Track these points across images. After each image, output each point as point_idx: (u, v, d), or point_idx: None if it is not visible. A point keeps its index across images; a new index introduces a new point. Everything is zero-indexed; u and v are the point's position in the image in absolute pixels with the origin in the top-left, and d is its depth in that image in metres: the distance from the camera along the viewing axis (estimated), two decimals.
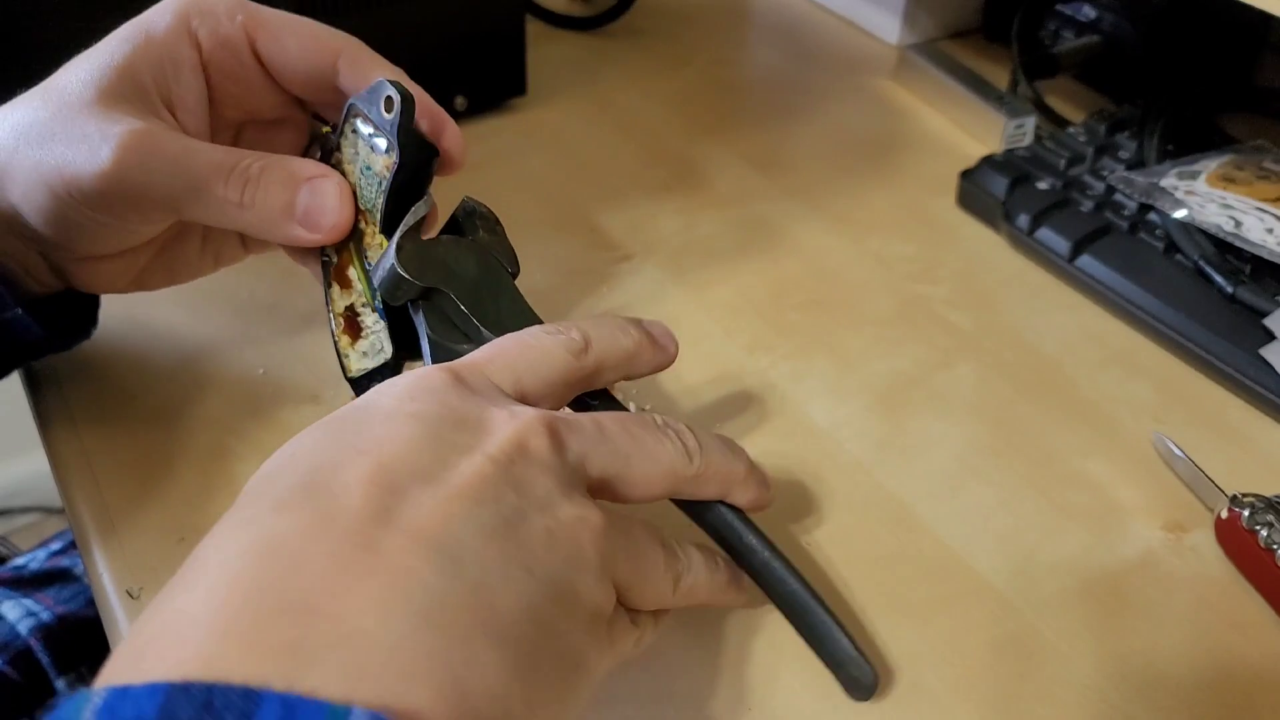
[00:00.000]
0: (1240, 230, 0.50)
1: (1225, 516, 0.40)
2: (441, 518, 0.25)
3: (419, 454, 0.27)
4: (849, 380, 0.48)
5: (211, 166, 0.37)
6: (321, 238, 0.39)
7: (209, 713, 0.19)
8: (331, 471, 0.26)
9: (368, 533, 0.24)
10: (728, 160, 0.63)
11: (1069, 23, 0.68)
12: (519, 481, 0.28)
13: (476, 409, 0.29)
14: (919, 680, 0.36)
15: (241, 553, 0.24)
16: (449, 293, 0.36)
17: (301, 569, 0.23)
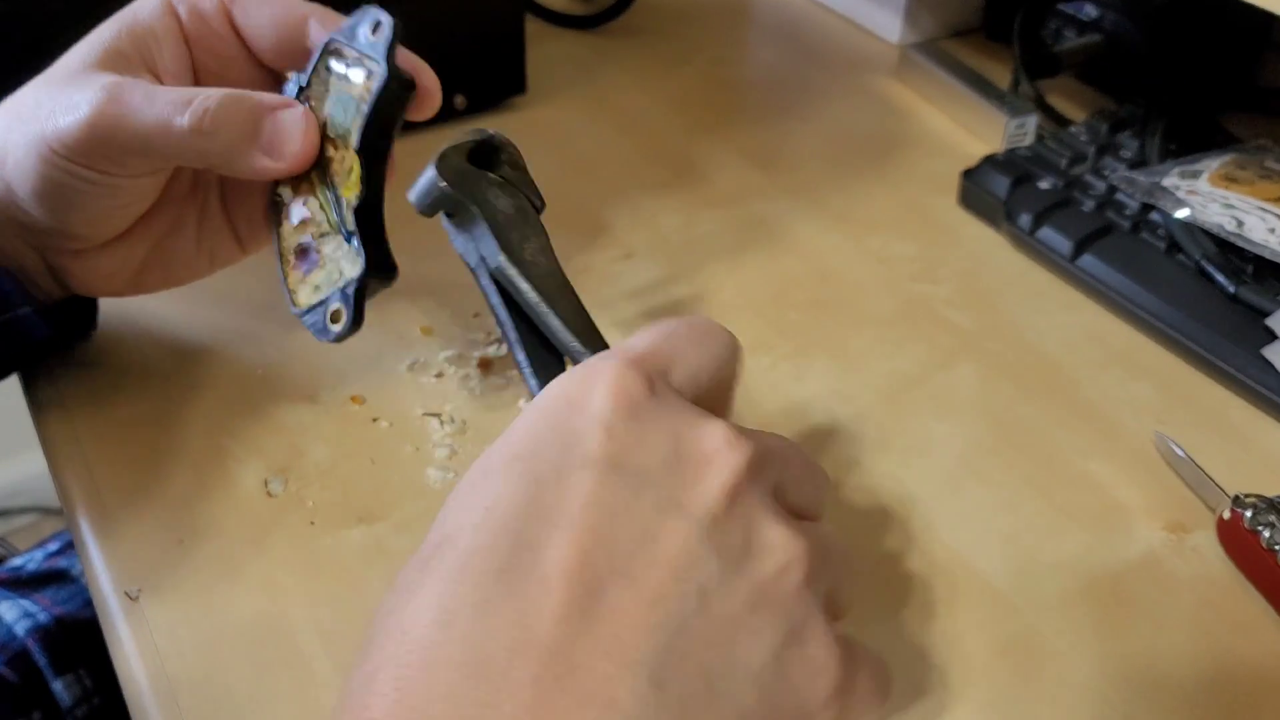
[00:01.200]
0: (1242, 230, 0.50)
1: (1227, 517, 0.40)
2: (644, 626, 0.24)
3: (621, 527, 0.26)
4: (850, 380, 0.48)
5: (172, 101, 0.37)
6: (285, 165, 0.39)
7: None
8: (524, 548, 0.25)
9: (569, 653, 0.23)
10: (728, 159, 0.63)
11: (1071, 21, 0.68)
12: (721, 541, 0.26)
13: (676, 436, 0.28)
14: (920, 681, 0.36)
15: (448, 660, 0.24)
16: (485, 222, 0.36)
17: (507, 694, 0.23)
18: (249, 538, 0.40)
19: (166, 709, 0.35)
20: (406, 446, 0.44)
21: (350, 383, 0.47)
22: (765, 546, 0.27)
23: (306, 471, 0.43)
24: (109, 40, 0.39)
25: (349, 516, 0.41)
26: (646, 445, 0.27)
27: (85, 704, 0.51)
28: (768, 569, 0.27)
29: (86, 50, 0.39)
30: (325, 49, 0.40)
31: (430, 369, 0.47)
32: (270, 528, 0.40)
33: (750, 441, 0.28)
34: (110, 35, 0.39)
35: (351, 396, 0.46)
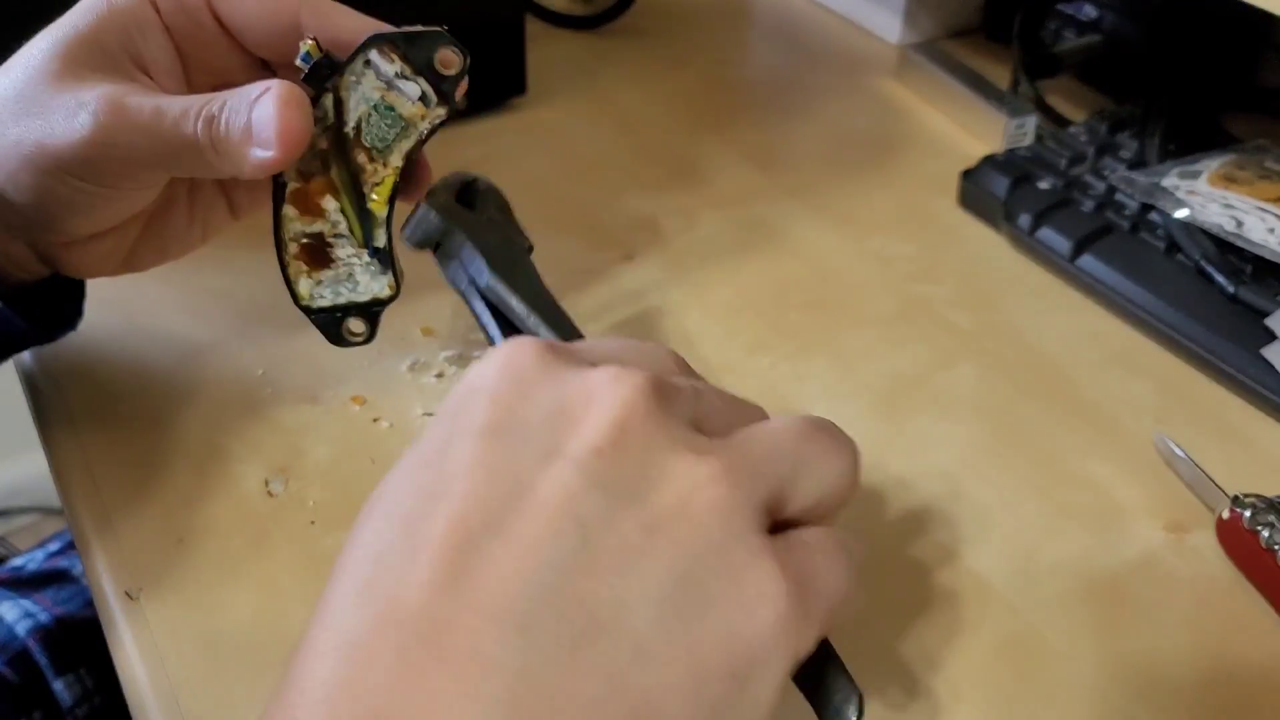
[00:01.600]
0: (1242, 230, 0.50)
1: (1227, 517, 0.40)
2: (513, 577, 0.23)
3: (496, 483, 0.24)
4: (850, 380, 0.48)
5: (182, 113, 0.36)
6: (274, 153, 0.36)
7: None
8: (403, 536, 0.24)
9: (437, 616, 0.22)
10: (728, 159, 0.63)
11: (1070, 22, 0.68)
12: (607, 476, 0.24)
13: (563, 387, 0.26)
14: (920, 681, 0.36)
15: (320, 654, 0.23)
16: (473, 244, 0.37)
17: (371, 669, 0.22)
18: (249, 538, 0.40)
19: (167, 709, 0.35)
20: (407, 447, 0.44)
21: (351, 383, 0.47)
22: (665, 475, 0.25)
23: (307, 471, 0.43)
24: (85, 30, 0.37)
25: (349, 516, 0.41)
26: (529, 403, 0.26)
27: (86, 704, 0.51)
28: (667, 497, 0.24)
29: (61, 40, 0.36)
30: (372, 44, 0.38)
31: (431, 369, 0.47)
32: (270, 528, 0.40)
33: (640, 373, 0.26)
34: (85, 24, 0.37)
35: (352, 397, 0.46)
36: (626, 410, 0.25)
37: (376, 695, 0.22)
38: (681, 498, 0.24)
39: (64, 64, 0.36)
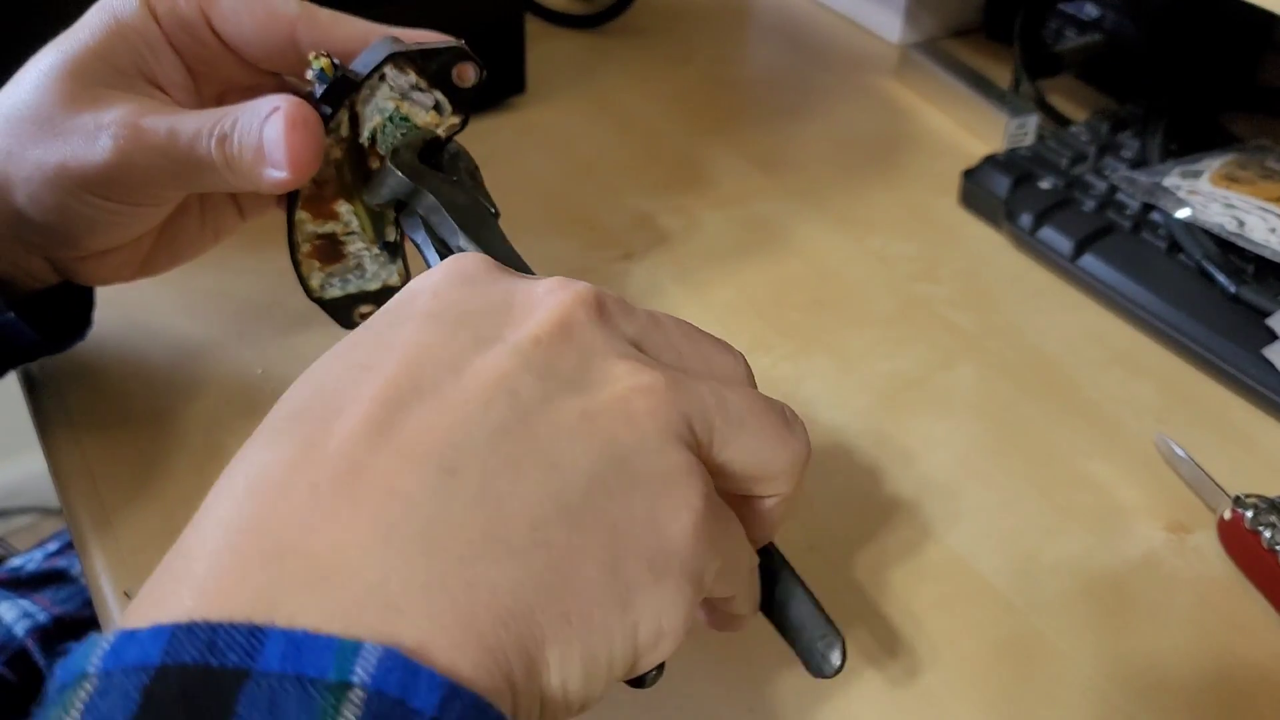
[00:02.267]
0: (1243, 230, 0.50)
1: (1228, 517, 0.40)
2: (441, 429, 0.22)
3: (431, 358, 0.24)
4: (850, 380, 0.48)
5: (199, 131, 0.36)
6: (286, 174, 0.36)
7: (213, 653, 0.19)
8: (332, 394, 0.24)
9: (355, 458, 0.22)
10: (728, 159, 0.63)
11: (1071, 21, 0.68)
12: (546, 365, 0.24)
13: (505, 291, 0.26)
14: (920, 681, 0.36)
15: (233, 491, 0.22)
16: (440, 205, 0.37)
17: (280, 505, 0.22)
18: None
19: None
20: None
21: None
22: (605, 375, 0.25)
23: None
24: (95, 46, 0.37)
25: None
26: (473, 297, 0.26)
27: None
28: (605, 393, 0.24)
29: (72, 59, 0.37)
30: (388, 61, 0.39)
31: None
32: None
33: (586, 285, 0.26)
34: (95, 41, 0.37)
35: None
36: (569, 310, 0.25)
37: (286, 530, 0.21)
38: (620, 397, 0.24)
39: (77, 82, 0.36)
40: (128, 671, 0.19)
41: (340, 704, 0.18)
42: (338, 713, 0.18)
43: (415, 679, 0.19)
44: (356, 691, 0.18)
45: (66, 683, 0.19)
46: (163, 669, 0.19)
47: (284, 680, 0.18)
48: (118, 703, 0.18)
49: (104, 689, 0.19)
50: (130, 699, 0.18)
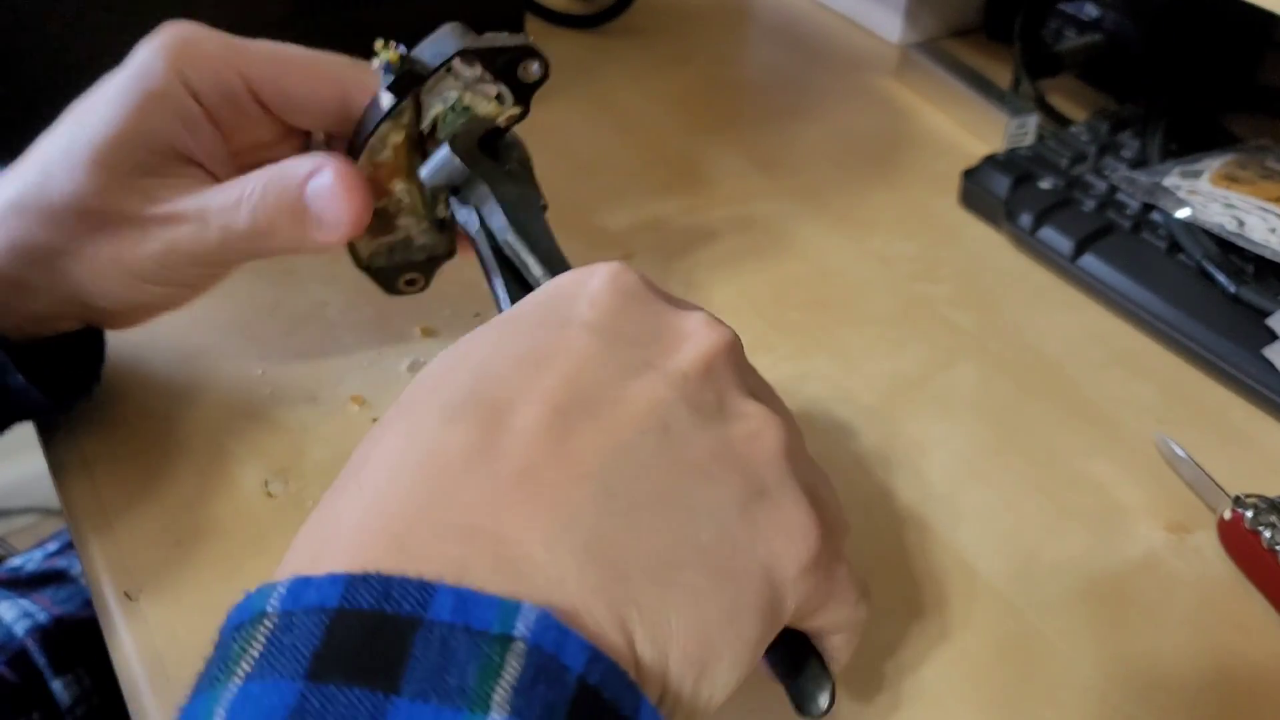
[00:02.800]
0: (1243, 230, 0.50)
1: (1228, 517, 0.40)
2: (605, 450, 0.25)
3: (594, 372, 0.26)
4: (851, 380, 0.48)
5: (224, 208, 0.37)
6: (342, 234, 0.38)
7: (388, 601, 0.20)
8: (502, 385, 0.26)
9: (532, 458, 0.24)
10: (729, 159, 0.63)
11: (1071, 21, 0.68)
12: (692, 398, 0.27)
13: (658, 317, 0.29)
14: (920, 681, 0.36)
15: (405, 464, 0.24)
16: (491, 194, 0.37)
17: (465, 487, 0.23)
18: (249, 538, 0.40)
19: (165, 709, 0.35)
20: None
21: (351, 383, 0.47)
22: (739, 412, 0.27)
23: (307, 472, 0.43)
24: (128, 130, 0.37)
25: None
26: (630, 317, 0.28)
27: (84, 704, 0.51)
28: (739, 430, 0.27)
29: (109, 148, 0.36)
30: (457, 56, 0.40)
31: None
32: (270, 528, 0.40)
33: (728, 327, 0.29)
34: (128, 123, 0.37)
35: (352, 397, 0.46)
36: (716, 349, 0.28)
37: (469, 513, 0.23)
38: (753, 432, 0.27)
39: (113, 175, 0.37)
40: (309, 612, 0.20)
41: (506, 652, 0.20)
42: (504, 661, 0.20)
43: (566, 639, 0.21)
44: (519, 644, 0.20)
45: (243, 621, 0.21)
46: (341, 611, 0.20)
47: (454, 629, 0.20)
48: (301, 637, 0.20)
49: (286, 625, 0.20)
50: (314, 635, 0.20)
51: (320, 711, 0.19)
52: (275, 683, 0.20)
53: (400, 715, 0.19)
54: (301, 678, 0.19)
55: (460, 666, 0.20)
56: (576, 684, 0.21)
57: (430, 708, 0.19)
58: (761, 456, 0.27)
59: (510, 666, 0.20)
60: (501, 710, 0.20)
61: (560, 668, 0.21)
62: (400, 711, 0.19)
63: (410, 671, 0.20)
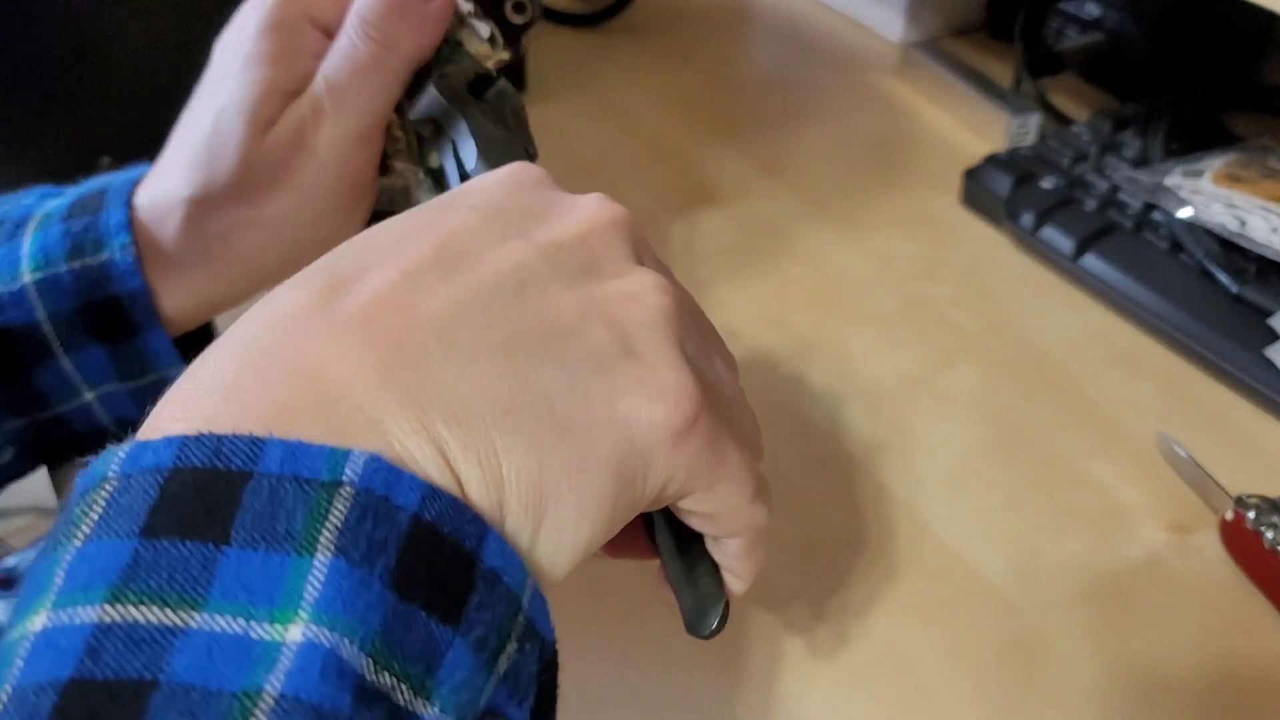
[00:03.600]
0: (1245, 229, 0.50)
1: (1230, 518, 0.40)
2: (447, 300, 0.25)
3: (457, 241, 0.26)
4: (852, 380, 0.48)
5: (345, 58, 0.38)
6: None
7: (219, 458, 0.21)
8: (365, 254, 0.26)
9: (369, 312, 0.24)
10: (729, 158, 0.62)
11: (1073, 20, 0.68)
12: (560, 261, 0.26)
13: (548, 199, 0.28)
14: (922, 681, 0.36)
15: (251, 326, 0.25)
16: (469, 132, 0.37)
17: (297, 338, 0.24)
18: None
19: None
20: None
21: None
22: (614, 273, 0.27)
23: None
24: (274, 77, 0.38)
25: None
26: (516, 199, 0.28)
27: None
28: (613, 290, 0.26)
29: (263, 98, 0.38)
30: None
31: None
32: None
33: (621, 209, 0.28)
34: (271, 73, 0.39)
35: None
36: (597, 221, 0.27)
37: (298, 359, 0.23)
38: (629, 293, 0.26)
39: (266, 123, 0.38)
40: (145, 473, 0.21)
41: (332, 498, 0.21)
42: (330, 505, 0.21)
43: (398, 480, 0.21)
44: (346, 488, 0.21)
45: (88, 487, 0.21)
46: (175, 470, 0.21)
47: (282, 479, 0.21)
48: (138, 498, 0.21)
49: (123, 488, 0.21)
50: (149, 494, 0.21)
51: (153, 565, 0.20)
52: (111, 542, 0.20)
53: (230, 564, 0.20)
54: (135, 535, 0.20)
55: (288, 513, 0.20)
56: (410, 521, 0.21)
57: (259, 555, 0.20)
58: (637, 318, 0.26)
59: (336, 509, 0.21)
60: (327, 551, 0.20)
61: (391, 507, 0.21)
62: (230, 560, 0.20)
63: (239, 522, 0.20)
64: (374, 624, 0.20)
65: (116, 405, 0.40)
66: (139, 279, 0.38)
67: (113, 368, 0.39)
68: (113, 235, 0.38)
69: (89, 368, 0.39)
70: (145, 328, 0.39)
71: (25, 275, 0.38)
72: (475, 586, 0.22)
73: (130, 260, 0.38)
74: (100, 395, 0.40)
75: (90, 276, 0.38)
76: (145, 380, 0.40)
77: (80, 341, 0.38)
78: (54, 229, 0.38)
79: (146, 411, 0.37)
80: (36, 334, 0.38)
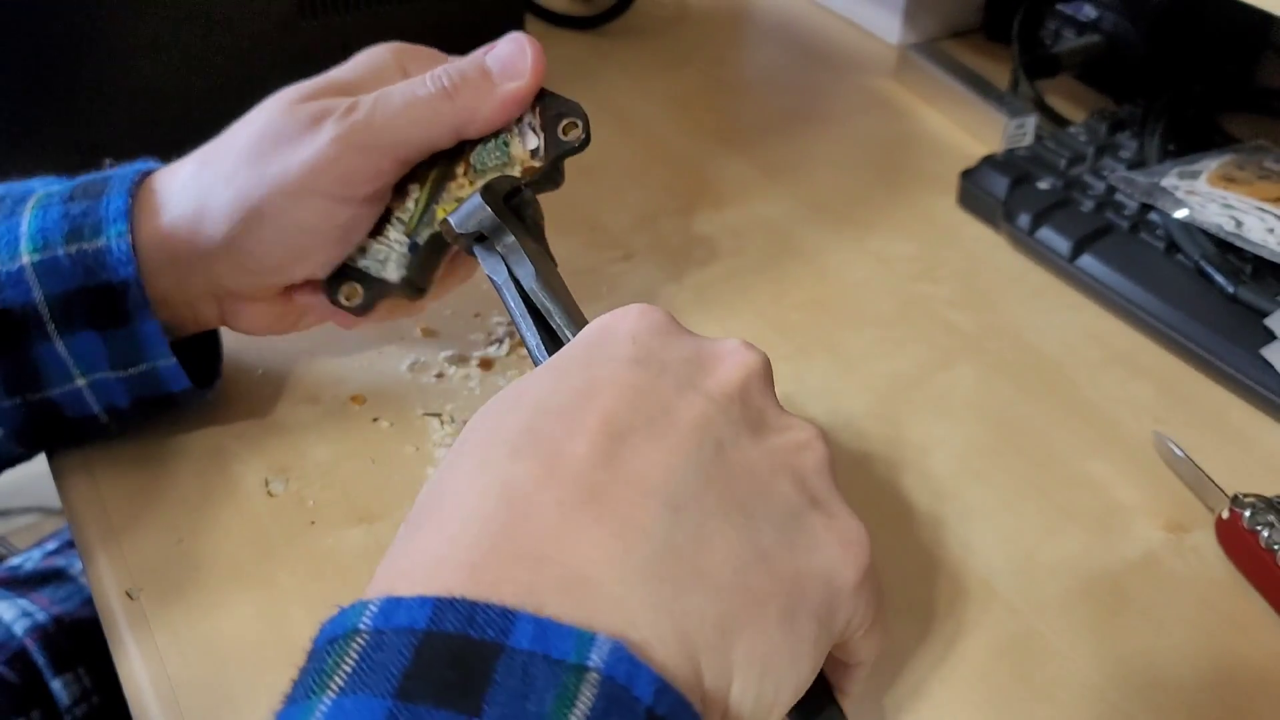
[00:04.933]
0: (1241, 230, 0.50)
1: (1226, 517, 0.40)
2: (663, 465, 0.26)
3: (643, 398, 0.27)
4: (849, 380, 0.48)
5: (411, 82, 0.40)
6: (528, 80, 0.41)
7: (472, 626, 0.22)
8: (558, 415, 0.27)
9: (594, 480, 0.25)
10: (728, 160, 0.63)
11: (1070, 22, 0.68)
12: (734, 413, 0.28)
13: (692, 347, 0.30)
14: (920, 681, 0.36)
15: (481, 497, 0.25)
16: (521, 248, 0.38)
17: (534, 517, 0.25)
18: (250, 537, 0.40)
19: (167, 708, 0.35)
20: (407, 446, 0.44)
21: (351, 383, 0.47)
22: (781, 425, 0.29)
23: (307, 471, 0.43)
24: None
25: (349, 516, 0.41)
26: (667, 348, 0.30)
27: (84, 703, 0.51)
28: (785, 441, 0.28)
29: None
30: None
31: (431, 369, 0.47)
32: (270, 527, 0.40)
33: (762, 352, 0.31)
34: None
35: (352, 396, 0.46)
36: (751, 369, 0.30)
37: (540, 541, 0.24)
38: (800, 443, 0.29)
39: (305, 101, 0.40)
40: (399, 632, 0.22)
41: (580, 683, 0.21)
42: (579, 690, 0.21)
43: (638, 671, 0.22)
44: (593, 674, 0.22)
45: (337, 635, 0.22)
46: (430, 633, 0.22)
47: (534, 657, 0.22)
48: (392, 656, 0.21)
49: (377, 644, 0.21)
50: (403, 655, 0.21)
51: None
52: (367, 699, 0.21)
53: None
54: (391, 696, 0.21)
55: (539, 694, 0.21)
56: (645, 715, 0.22)
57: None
58: (811, 467, 0.28)
59: (584, 696, 0.21)
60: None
61: (631, 699, 0.22)
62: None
63: (493, 696, 0.21)
64: None
65: (107, 392, 0.40)
66: (131, 267, 0.38)
67: (105, 354, 0.39)
68: (110, 222, 0.38)
69: (81, 352, 0.39)
70: (137, 316, 0.39)
71: (24, 256, 0.38)
72: None
73: (125, 248, 0.38)
74: (91, 382, 0.40)
75: (85, 262, 0.38)
76: (136, 369, 0.40)
77: (75, 325, 0.38)
78: (54, 210, 0.38)
79: (137, 400, 0.37)
80: (33, 314, 0.38)
